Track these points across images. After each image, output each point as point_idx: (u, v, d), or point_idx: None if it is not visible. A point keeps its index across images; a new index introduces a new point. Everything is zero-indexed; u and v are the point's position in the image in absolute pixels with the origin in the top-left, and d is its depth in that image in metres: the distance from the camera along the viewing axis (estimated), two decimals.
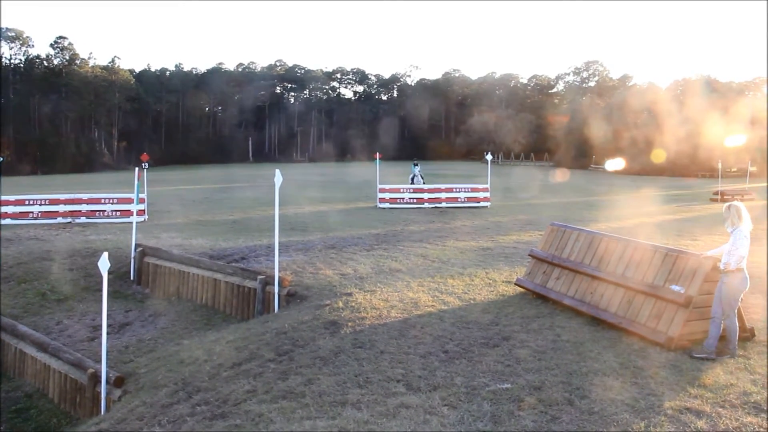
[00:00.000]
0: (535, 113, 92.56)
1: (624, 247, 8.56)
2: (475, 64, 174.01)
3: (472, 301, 9.73)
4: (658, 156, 50.17)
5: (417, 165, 29.26)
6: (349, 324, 8.55)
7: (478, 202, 24.91)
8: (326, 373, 7.01)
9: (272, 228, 11.26)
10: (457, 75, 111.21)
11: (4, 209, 19.83)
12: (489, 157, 26.38)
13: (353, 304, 9.54)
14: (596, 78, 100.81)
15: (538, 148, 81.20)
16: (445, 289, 10.48)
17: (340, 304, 9.51)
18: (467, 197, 25.13)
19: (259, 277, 11.05)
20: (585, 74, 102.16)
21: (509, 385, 6.33)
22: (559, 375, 6.52)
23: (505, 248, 14.71)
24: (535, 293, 9.76)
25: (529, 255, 10.48)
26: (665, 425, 5.35)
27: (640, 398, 5.91)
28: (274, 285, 10.60)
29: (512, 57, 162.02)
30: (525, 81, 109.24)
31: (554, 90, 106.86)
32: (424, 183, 27.61)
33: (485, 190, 25.30)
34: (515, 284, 10.43)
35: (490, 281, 11.13)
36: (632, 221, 19.97)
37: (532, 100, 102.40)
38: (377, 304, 9.55)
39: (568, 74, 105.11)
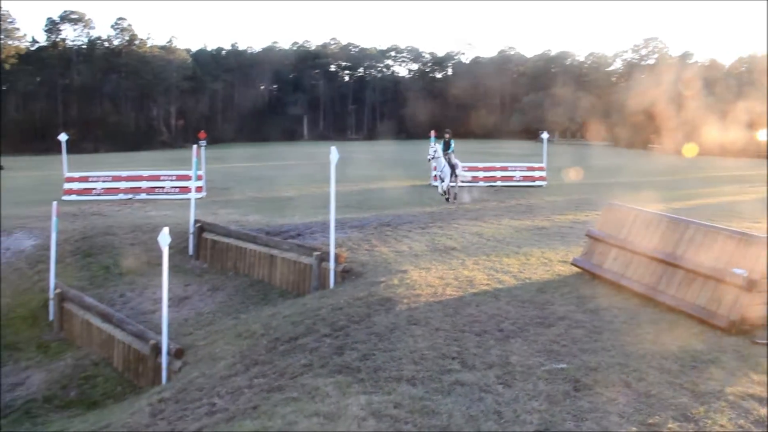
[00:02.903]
0: (592, 92, 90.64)
1: (684, 227, 8.36)
2: (530, 43, 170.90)
3: (527, 280, 9.66)
4: (722, 137, 48.79)
5: (446, 135, 19.59)
6: (404, 301, 8.59)
7: (534, 181, 24.64)
8: (381, 349, 7.07)
9: (327, 205, 11.35)
10: (512, 53, 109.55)
11: (69, 186, 20.45)
12: (545, 135, 25.99)
13: (408, 281, 9.57)
14: (655, 55, 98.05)
15: (595, 127, 79.64)
16: (500, 268, 10.42)
17: (396, 281, 9.55)
18: (523, 176, 24.87)
19: (315, 253, 11.17)
20: (644, 51, 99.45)
21: (565, 365, 6.29)
22: (616, 356, 6.45)
23: (561, 228, 14.54)
24: (592, 273, 9.63)
25: (586, 235, 10.35)
26: (726, 411, 5.25)
27: (700, 383, 5.79)
28: (329, 261, 10.71)
29: (569, 35, 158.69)
30: (582, 59, 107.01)
31: (612, 68, 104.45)
32: (448, 162, 18.91)
33: (541, 169, 24.99)
34: (571, 264, 10.31)
35: (546, 260, 11.02)
36: (694, 201, 19.52)
37: (588, 79, 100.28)
38: (432, 281, 9.56)
39: (626, 52, 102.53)
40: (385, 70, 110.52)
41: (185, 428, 6.50)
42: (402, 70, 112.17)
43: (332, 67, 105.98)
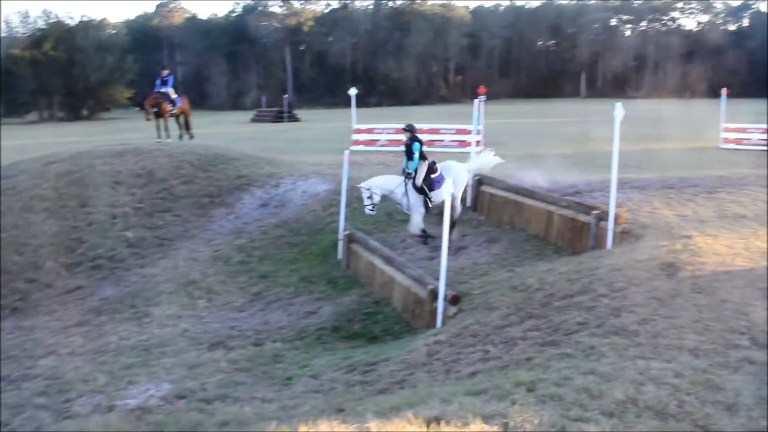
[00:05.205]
0: None
1: None
2: None
3: None
4: None
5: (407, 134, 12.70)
6: (688, 267, 8.10)
7: None
8: (661, 315, 6.79)
9: (606, 164, 11.00)
10: None
11: (356, 137, 22.00)
12: None
13: (693, 247, 8.98)
14: None
15: None
16: None
17: (679, 246, 9.02)
18: None
19: (594, 212, 10.92)
20: None
21: None
22: None
23: None
24: None
25: None
26: None
27: None
28: (608, 221, 10.42)
29: None
30: None
31: None
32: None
33: None
34: None
35: None
36: None
37: None
38: (720, 249, 8.88)
39: None
40: (670, 23, 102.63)
41: (460, 371, 6.83)
42: (689, 23, 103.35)
43: (613, 21, 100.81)
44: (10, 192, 16.42)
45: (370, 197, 11.67)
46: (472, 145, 15.27)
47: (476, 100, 15.98)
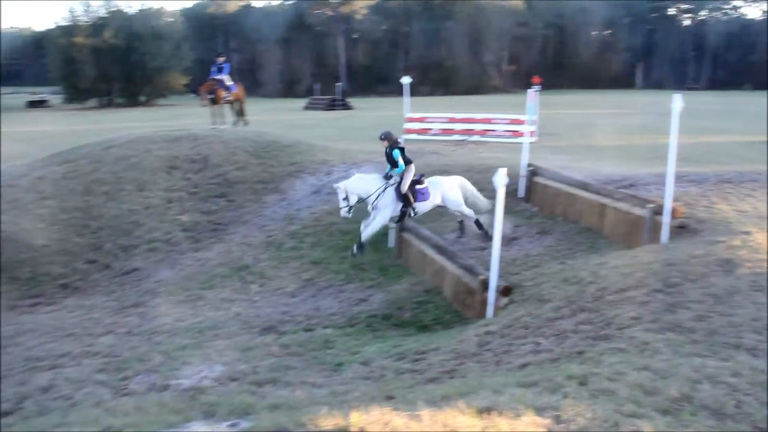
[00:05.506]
0: None
1: None
2: None
3: None
4: None
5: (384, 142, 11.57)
6: (747, 264, 7.89)
7: None
8: (718, 312, 6.65)
9: (661, 157, 10.78)
10: None
11: (409, 125, 21.98)
12: None
13: (752, 243, 8.74)
14: None
15: None
16: None
17: (737, 243, 8.79)
18: None
19: (649, 205, 10.71)
20: None
21: None
22: None
23: None
24: None
25: None
26: None
27: None
28: (664, 215, 10.22)
29: None
30: None
31: None
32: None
33: None
34: None
35: None
36: None
37: None
38: None
39: None
40: (731, 11, 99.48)
41: (510, 362, 6.81)
42: (752, 11, 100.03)
43: (671, 10, 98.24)
44: (71, 175, 16.93)
45: (345, 198, 10.99)
46: (526, 135, 15.14)
47: (530, 90, 15.83)
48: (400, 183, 11.08)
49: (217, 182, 16.73)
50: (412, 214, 11.25)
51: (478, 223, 11.57)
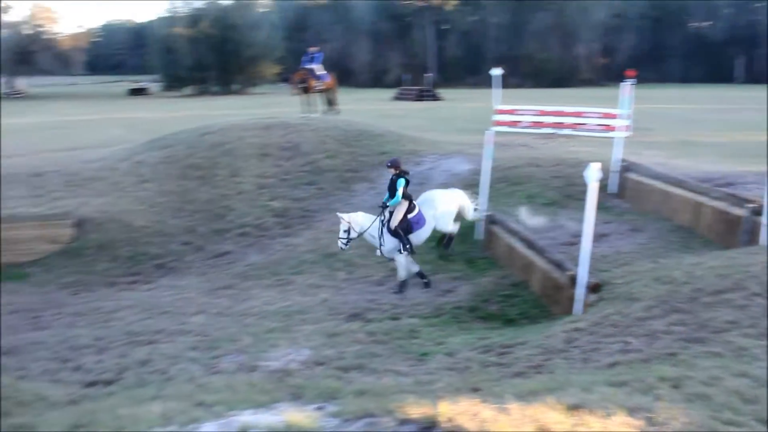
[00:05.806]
0: None
1: None
2: None
3: None
4: None
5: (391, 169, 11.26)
6: None
7: None
8: None
9: (762, 155, 10.33)
10: None
11: (499, 117, 21.76)
12: None
13: None
14: None
15: None
16: None
17: None
18: None
19: (748, 204, 10.30)
20: None
21: None
22: None
23: None
24: None
25: None
26: None
27: None
28: (763, 215, 9.79)
29: None
30: None
31: None
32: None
33: None
34: None
35: None
36: None
37: None
38: None
39: None
40: None
41: (599, 360, 6.69)
42: None
43: None
44: (168, 160, 17.59)
45: (347, 231, 10.94)
46: (619, 130, 14.75)
47: (624, 84, 15.39)
48: (389, 220, 10.93)
49: (307, 170, 17.03)
50: (407, 249, 11.02)
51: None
